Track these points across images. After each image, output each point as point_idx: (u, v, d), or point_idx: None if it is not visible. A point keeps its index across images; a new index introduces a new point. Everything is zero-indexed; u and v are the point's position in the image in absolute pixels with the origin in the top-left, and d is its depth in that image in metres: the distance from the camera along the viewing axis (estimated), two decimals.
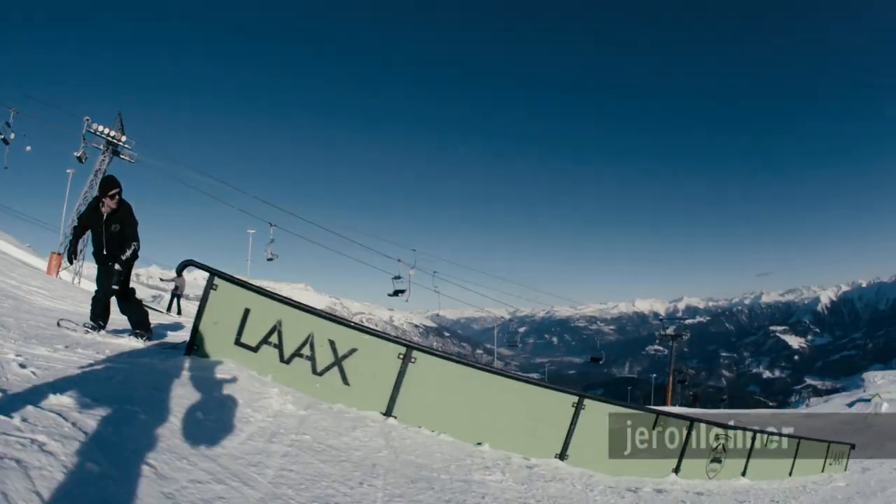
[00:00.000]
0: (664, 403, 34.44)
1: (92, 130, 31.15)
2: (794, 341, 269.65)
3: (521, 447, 6.12)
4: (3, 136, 27.34)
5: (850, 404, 32.04)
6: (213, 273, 5.55)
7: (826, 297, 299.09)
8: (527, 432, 6.41)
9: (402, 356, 5.91)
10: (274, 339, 5.59)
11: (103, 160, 32.12)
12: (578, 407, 6.77)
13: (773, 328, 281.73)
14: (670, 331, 39.87)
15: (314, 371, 5.62)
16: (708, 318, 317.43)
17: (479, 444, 5.87)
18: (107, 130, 31.71)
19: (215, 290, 5.54)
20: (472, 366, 6.53)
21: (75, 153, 28.47)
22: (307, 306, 5.86)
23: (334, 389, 5.61)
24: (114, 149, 32.37)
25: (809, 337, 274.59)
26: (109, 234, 6.13)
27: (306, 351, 5.62)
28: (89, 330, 6.14)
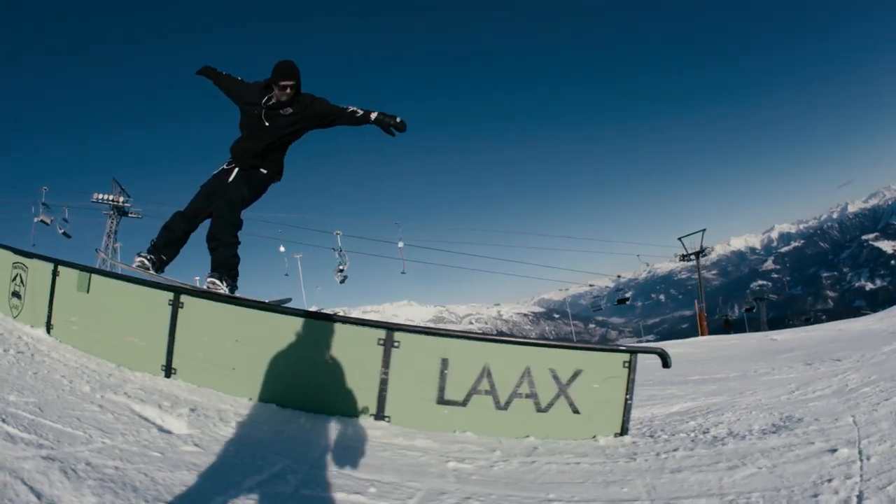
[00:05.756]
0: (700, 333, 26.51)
1: (94, 200, 30.68)
2: (888, 246, 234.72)
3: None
4: (41, 218, 27.30)
5: None
6: None
7: None
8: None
9: None
10: None
11: (112, 223, 31.44)
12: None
13: (864, 237, 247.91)
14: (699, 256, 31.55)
15: None
16: (802, 241, 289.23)
17: None
18: (109, 197, 31.04)
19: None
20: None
21: (36, 219, 27.05)
22: None
23: None
24: (120, 211, 31.50)
25: None
26: (273, 128, 4.13)
27: None
28: (146, 264, 4.18)
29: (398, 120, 4.03)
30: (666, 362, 3.71)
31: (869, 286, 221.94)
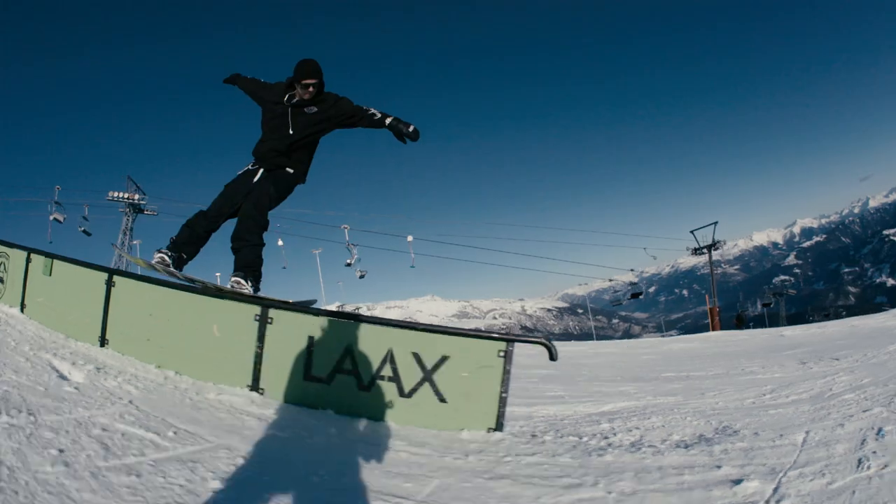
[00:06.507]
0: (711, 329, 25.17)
1: (109, 198, 31.03)
2: None
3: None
4: (54, 216, 27.76)
5: None
6: None
7: None
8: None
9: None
10: None
11: (128, 220, 31.67)
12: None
13: (886, 232, 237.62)
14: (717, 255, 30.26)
15: None
16: (824, 235, 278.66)
17: None
18: (125, 195, 31.30)
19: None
20: None
21: (50, 217, 27.37)
22: None
23: None
24: (135, 208, 31.74)
25: None
26: (297, 127, 3.99)
27: None
28: (166, 261, 4.02)
29: (411, 129, 3.94)
30: (552, 355, 2.98)
31: (890, 282, 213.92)
